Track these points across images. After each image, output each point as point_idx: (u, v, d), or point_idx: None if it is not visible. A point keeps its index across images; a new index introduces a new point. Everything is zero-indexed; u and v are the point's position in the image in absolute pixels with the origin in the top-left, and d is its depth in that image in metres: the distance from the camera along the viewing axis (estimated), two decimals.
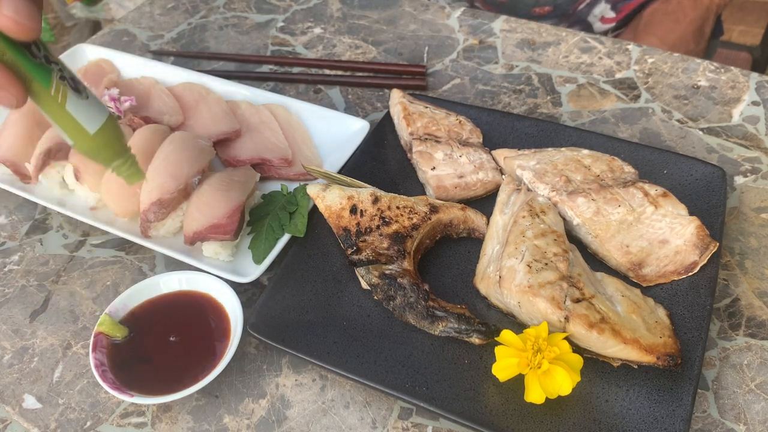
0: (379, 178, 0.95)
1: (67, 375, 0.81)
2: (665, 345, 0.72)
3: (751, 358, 0.78)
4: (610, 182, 0.88)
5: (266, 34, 1.33)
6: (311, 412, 0.76)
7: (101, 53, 1.21)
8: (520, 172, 0.92)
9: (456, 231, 0.89)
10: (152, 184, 0.89)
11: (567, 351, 0.70)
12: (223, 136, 1.03)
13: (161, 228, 0.90)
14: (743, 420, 0.73)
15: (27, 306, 0.89)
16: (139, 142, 0.95)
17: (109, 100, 1.02)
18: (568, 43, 1.24)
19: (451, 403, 0.72)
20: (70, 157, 0.94)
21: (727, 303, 0.83)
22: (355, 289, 0.84)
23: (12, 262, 0.94)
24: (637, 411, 0.70)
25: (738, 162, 1.00)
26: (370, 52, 1.26)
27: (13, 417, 0.78)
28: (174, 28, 1.37)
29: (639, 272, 0.82)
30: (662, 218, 0.84)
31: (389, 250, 0.82)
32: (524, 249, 0.78)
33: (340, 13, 1.37)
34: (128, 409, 0.78)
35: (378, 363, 0.76)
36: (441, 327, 0.77)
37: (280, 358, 0.81)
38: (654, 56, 1.20)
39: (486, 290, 0.81)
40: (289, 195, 0.93)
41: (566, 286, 0.74)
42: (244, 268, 0.87)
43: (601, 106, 1.12)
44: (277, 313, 0.80)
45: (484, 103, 1.14)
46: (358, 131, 1.02)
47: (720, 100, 1.11)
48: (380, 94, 1.17)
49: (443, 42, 1.27)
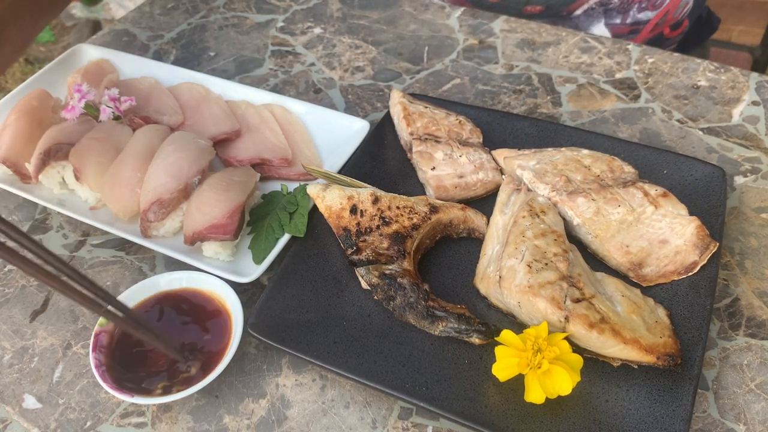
0: (379, 178, 0.95)
1: (67, 375, 0.81)
2: (665, 345, 0.72)
3: (751, 358, 0.78)
4: (610, 182, 0.88)
5: (266, 34, 1.33)
6: (311, 412, 0.76)
7: (101, 53, 1.21)
8: (520, 172, 0.92)
9: (456, 231, 0.89)
10: (152, 184, 0.89)
11: (567, 351, 0.70)
12: (223, 136, 1.03)
13: (161, 228, 0.90)
14: (743, 420, 0.73)
15: (27, 306, 0.89)
16: (139, 142, 0.95)
17: (109, 100, 1.02)
18: (568, 43, 1.24)
19: (451, 403, 0.72)
20: (70, 157, 0.94)
21: (727, 303, 0.83)
22: (355, 289, 0.84)
23: None
24: (637, 411, 0.70)
25: (738, 162, 1.00)
26: (370, 52, 1.26)
27: (13, 417, 0.78)
28: (174, 28, 1.37)
29: (639, 272, 0.82)
30: (662, 218, 0.84)
31: (389, 250, 0.82)
32: (524, 249, 0.78)
33: (340, 13, 1.37)
34: (128, 409, 0.78)
35: (378, 363, 0.76)
36: (441, 327, 0.77)
37: (280, 358, 0.81)
38: (654, 56, 1.20)
39: (486, 290, 0.81)
40: (289, 195, 0.93)
41: (566, 286, 0.74)
42: (244, 268, 0.87)
43: (601, 106, 1.12)
44: (277, 313, 0.80)
45: (484, 103, 1.14)
46: (358, 131, 1.02)
47: (720, 100, 1.11)
48: (380, 94, 1.17)
49: (443, 42, 1.27)
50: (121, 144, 0.96)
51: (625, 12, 1.34)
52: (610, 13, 1.36)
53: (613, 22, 1.37)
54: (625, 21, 1.36)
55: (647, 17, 1.34)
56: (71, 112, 1.01)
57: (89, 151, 0.94)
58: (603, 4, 1.34)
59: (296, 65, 1.25)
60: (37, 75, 1.16)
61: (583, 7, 1.36)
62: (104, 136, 0.97)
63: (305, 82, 1.21)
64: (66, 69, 1.18)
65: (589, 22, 1.39)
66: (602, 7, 1.35)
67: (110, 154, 0.95)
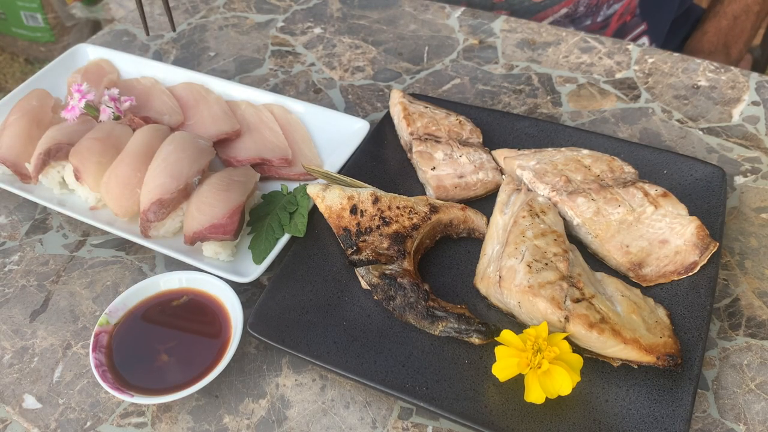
0: (379, 178, 0.95)
1: (67, 375, 0.81)
2: (665, 345, 0.72)
3: (751, 358, 0.78)
4: (610, 182, 0.88)
5: (266, 34, 1.33)
6: (311, 412, 0.76)
7: (101, 53, 1.21)
8: (520, 172, 0.92)
9: (456, 231, 0.89)
10: (152, 184, 0.89)
11: (567, 351, 0.70)
12: (223, 136, 1.03)
13: (161, 228, 0.90)
14: (743, 420, 0.73)
15: (27, 306, 0.89)
16: (139, 142, 0.95)
17: (109, 100, 1.02)
18: (568, 43, 1.24)
19: (451, 403, 0.72)
20: (70, 157, 0.94)
21: (727, 303, 0.83)
22: (355, 289, 0.84)
23: (12, 262, 0.94)
24: (637, 411, 0.70)
25: (738, 162, 1.00)
26: (370, 52, 1.26)
27: (13, 417, 0.78)
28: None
29: (639, 272, 0.82)
30: (662, 218, 0.84)
31: (389, 250, 0.82)
32: (524, 249, 0.78)
33: (340, 13, 1.37)
34: (128, 409, 0.78)
35: (378, 363, 0.76)
36: (441, 327, 0.77)
37: (280, 358, 0.81)
38: (654, 56, 1.20)
39: (486, 290, 0.81)
40: (289, 195, 0.93)
41: (566, 286, 0.74)
42: (244, 268, 0.87)
43: (601, 106, 1.12)
44: (277, 313, 0.80)
45: (484, 103, 1.14)
46: (358, 131, 1.02)
47: (720, 100, 1.11)
48: (380, 94, 1.17)
49: (443, 42, 1.27)
50: (121, 144, 0.96)
51: (595, 13, 1.37)
52: (578, 20, 1.38)
53: (584, 25, 1.39)
54: (595, 20, 1.38)
55: (614, 10, 1.36)
56: (71, 112, 1.01)
57: (89, 151, 0.94)
58: (569, 15, 1.36)
59: (296, 65, 1.25)
60: (37, 75, 1.16)
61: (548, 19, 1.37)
62: (104, 136, 0.97)
63: (305, 82, 1.21)
64: (66, 69, 1.18)
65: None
66: (568, 18, 1.36)
67: (110, 154, 0.95)
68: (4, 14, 2.82)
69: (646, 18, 1.45)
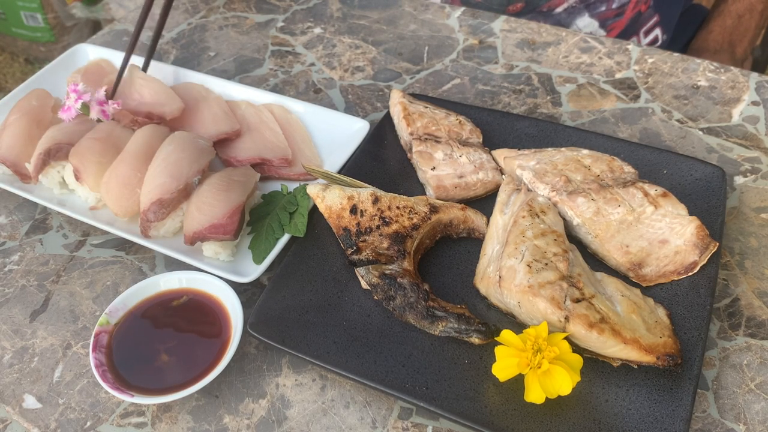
0: (379, 178, 0.95)
1: (67, 375, 0.81)
2: (665, 345, 0.72)
3: (751, 358, 0.78)
4: (610, 182, 0.88)
5: (266, 34, 1.33)
6: (311, 412, 0.76)
7: (101, 53, 1.21)
8: (520, 172, 0.92)
9: (456, 231, 0.89)
10: (152, 184, 0.89)
11: (567, 351, 0.70)
12: (223, 136, 1.03)
13: (161, 228, 0.90)
14: (743, 420, 0.73)
15: (27, 306, 0.89)
16: (139, 142, 0.95)
17: (96, 103, 1.02)
18: (568, 43, 1.24)
19: (451, 403, 0.72)
20: (70, 157, 0.94)
21: (727, 303, 0.83)
22: (355, 289, 0.84)
23: (12, 262, 0.94)
24: (637, 411, 0.70)
25: (738, 162, 1.00)
26: (370, 52, 1.26)
27: (13, 417, 0.78)
28: (174, 28, 1.37)
29: (639, 272, 0.82)
30: (662, 218, 0.84)
31: (389, 250, 0.82)
32: (524, 249, 0.78)
33: (340, 13, 1.37)
34: (128, 409, 0.78)
35: (378, 363, 0.76)
36: (441, 327, 0.77)
37: (280, 358, 0.81)
38: (654, 56, 1.20)
39: (486, 290, 0.81)
40: (289, 195, 0.93)
41: (566, 286, 0.74)
42: (244, 268, 0.87)
43: (601, 106, 1.12)
44: (277, 313, 0.80)
45: (484, 103, 1.14)
46: (358, 131, 1.02)
47: (720, 100, 1.11)
48: (380, 94, 1.17)
49: (443, 42, 1.27)
50: (121, 144, 0.96)
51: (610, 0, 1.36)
52: (593, 6, 1.37)
53: (598, 11, 1.38)
54: (611, 6, 1.37)
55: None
56: (67, 112, 1.00)
57: (89, 151, 0.94)
58: (583, 0, 1.36)
59: (296, 65, 1.25)
60: (37, 75, 1.16)
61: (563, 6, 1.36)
62: (104, 136, 0.97)
63: (305, 82, 1.21)
64: (66, 69, 1.18)
65: (571, 19, 1.40)
66: (583, 4, 1.36)
67: (110, 154, 0.95)
68: (4, 14, 2.82)
69: (659, 10, 1.45)
